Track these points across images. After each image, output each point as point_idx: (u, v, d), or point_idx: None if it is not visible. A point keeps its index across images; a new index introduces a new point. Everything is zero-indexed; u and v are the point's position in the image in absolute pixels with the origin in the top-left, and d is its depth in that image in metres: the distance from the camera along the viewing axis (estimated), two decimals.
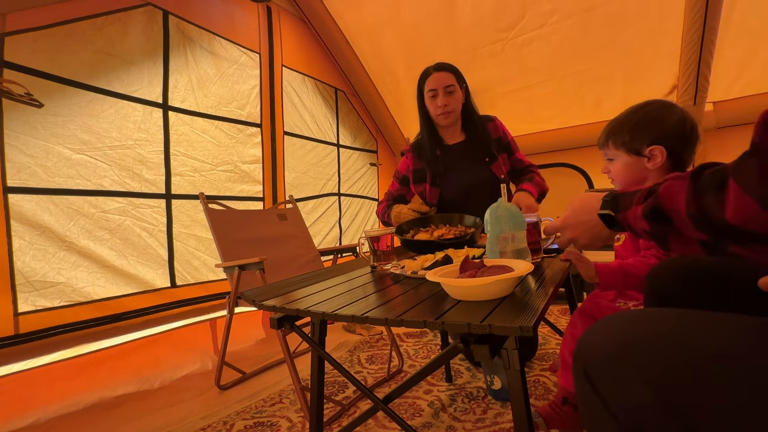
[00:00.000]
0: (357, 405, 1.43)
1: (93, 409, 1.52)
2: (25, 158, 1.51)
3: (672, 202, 0.46)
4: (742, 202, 0.37)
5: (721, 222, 0.40)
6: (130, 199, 1.84)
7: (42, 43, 1.56)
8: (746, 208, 0.37)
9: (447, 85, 1.56)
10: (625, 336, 0.43)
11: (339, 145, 3.21)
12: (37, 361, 1.47)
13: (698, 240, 0.45)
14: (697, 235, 0.44)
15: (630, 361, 0.41)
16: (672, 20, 2.18)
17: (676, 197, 0.45)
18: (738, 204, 0.38)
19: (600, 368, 0.43)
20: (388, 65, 3.15)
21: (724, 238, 0.42)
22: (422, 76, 1.62)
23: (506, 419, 1.25)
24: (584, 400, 0.45)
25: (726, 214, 0.39)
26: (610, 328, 0.45)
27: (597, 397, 0.43)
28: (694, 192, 0.43)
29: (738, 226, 0.38)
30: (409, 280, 0.85)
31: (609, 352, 0.42)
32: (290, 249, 2.07)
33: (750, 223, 0.37)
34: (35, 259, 1.52)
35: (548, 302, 0.60)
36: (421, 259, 0.92)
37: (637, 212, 0.52)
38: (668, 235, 0.49)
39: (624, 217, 0.57)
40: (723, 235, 0.41)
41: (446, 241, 1.08)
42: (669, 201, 0.46)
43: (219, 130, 2.27)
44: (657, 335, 0.42)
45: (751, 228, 0.38)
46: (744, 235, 0.39)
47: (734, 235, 0.40)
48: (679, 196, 0.45)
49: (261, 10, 2.61)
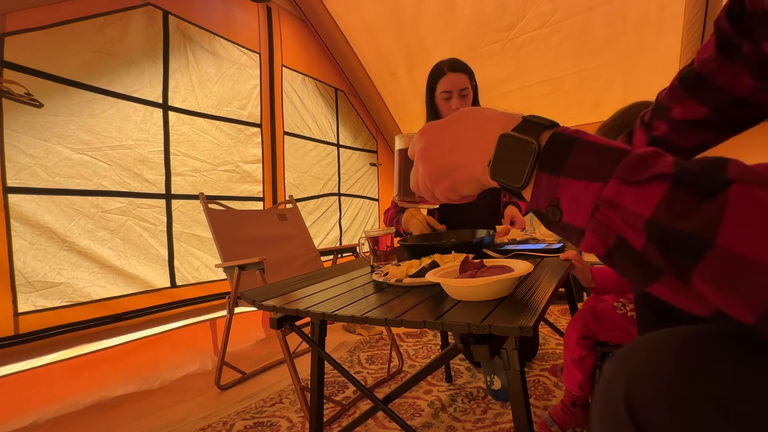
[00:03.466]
0: (357, 405, 1.43)
1: (93, 409, 1.52)
2: (25, 158, 1.51)
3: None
4: None
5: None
6: (131, 199, 1.84)
7: (42, 43, 1.56)
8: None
9: (462, 88, 1.49)
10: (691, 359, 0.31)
11: (339, 145, 3.21)
12: (37, 361, 1.47)
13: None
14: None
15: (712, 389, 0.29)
16: (672, 20, 2.18)
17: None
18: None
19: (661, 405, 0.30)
20: (388, 65, 3.15)
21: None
22: (436, 73, 1.54)
23: (506, 419, 1.25)
24: None
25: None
26: (658, 352, 0.33)
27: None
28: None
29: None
30: (393, 289, 0.77)
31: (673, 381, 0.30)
32: (290, 249, 2.07)
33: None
34: (35, 260, 1.52)
35: (548, 302, 0.60)
36: (406, 266, 0.85)
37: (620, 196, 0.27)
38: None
39: (568, 184, 0.30)
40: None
41: (450, 246, 1.07)
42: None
43: (219, 130, 2.27)
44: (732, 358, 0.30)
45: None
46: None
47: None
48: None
49: (261, 10, 2.61)
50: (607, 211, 0.28)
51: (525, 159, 0.33)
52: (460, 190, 0.41)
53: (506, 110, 0.38)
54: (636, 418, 0.30)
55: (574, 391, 1.03)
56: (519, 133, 0.34)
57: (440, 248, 0.97)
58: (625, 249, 0.28)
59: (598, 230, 0.29)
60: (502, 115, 0.38)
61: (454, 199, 0.43)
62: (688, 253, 0.25)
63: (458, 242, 0.98)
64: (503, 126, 0.36)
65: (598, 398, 0.35)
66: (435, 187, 0.42)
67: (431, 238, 1.30)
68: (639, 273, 0.29)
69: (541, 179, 0.32)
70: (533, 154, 0.33)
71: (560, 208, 0.31)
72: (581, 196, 0.30)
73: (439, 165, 0.41)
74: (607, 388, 0.34)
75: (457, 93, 1.50)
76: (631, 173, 0.27)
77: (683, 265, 0.25)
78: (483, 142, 0.37)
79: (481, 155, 0.37)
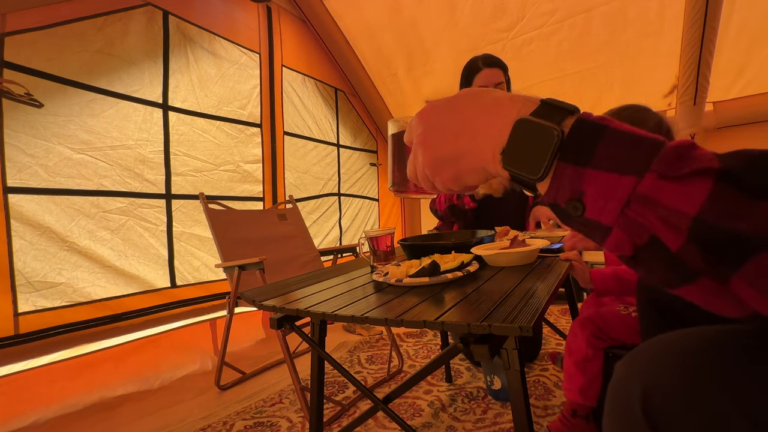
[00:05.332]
0: (357, 405, 1.43)
1: (93, 410, 1.52)
2: (25, 158, 1.51)
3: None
4: None
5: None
6: (132, 199, 1.84)
7: (42, 43, 1.56)
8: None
9: (498, 83, 1.51)
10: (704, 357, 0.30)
11: (339, 145, 3.21)
12: (37, 361, 1.47)
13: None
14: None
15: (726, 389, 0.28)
16: (672, 20, 2.18)
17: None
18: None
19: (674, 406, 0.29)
20: (388, 65, 3.15)
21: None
22: (471, 69, 1.55)
23: (506, 419, 1.25)
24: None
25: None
26: (669, 355, 0.32)
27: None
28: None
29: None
30: (393, 289, 0.78)
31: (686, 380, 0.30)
32: (290, 249, 2.07)
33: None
34: (36, 260, 1.52)
35: (548, 302, 0.60)
36: (406, 266, 0.86)
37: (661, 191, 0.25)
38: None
39: (597, 177, 0.27)
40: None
41: (450, 246, 1.07)
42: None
43: (220, 130, 2.27)
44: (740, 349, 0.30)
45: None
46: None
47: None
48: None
49: (261, 10, 2.61)
50: (641, 208, 0.26)
51: (545, 148, 0.30)
52: (465, 180, 0.37)
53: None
54: (651, 418, 0.29)
55: (575, 398, 1.01)
56: (539, 119, 0.31)
57: (440, 248, 0.97)
58: (657, 249, 0.26)
59: (627, 228, 0.27)
60: (516, 98, 0.34)
61: (456, 189, 0.39)
62: (736, 254, 0.23)
63: (458, 242, 0.98)
64: (519, 110, 0.32)
65: (611, 398, 0.34)
66: (436, 177, 0.38)
67: (431, 238, 1.30)
68: (668, 274, 0.27)
69: (563, 171, 0.29)
70: (555, 142, 0.29)
71: (583, 202, 0.28)
72: (611, 190, 0.27)
73: (441, 152, 0.37)
74: (620, 388, 0.33)
75: (493, 88, 1.52)
76: (671, 167, 0.25)
77: (726, 266, 0.24)
78: (494, 127, 0.33)
79: (491, 142, 0.33)
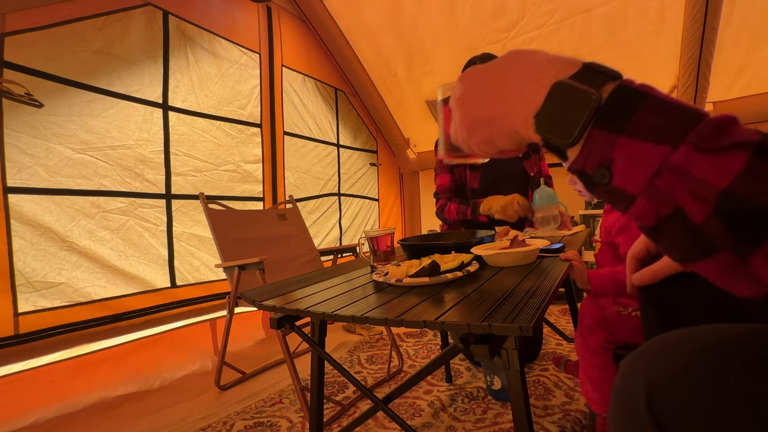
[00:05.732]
0: (357, 405, 1.43)
1: (93, 409, 1.52)
2: (26, 158, 1.51)
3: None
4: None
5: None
6: (132, 199, 1.84)
7: (42, 43, 1.56)
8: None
9: None
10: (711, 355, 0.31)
11: (339, 145, 3.21)
12: (37, 361, 1.47)
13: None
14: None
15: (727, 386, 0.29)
16: (672, 20, 2.18)
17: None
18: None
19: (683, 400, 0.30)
20: (388, 65, 3.15)
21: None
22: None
23: (506, 419, 1.25)
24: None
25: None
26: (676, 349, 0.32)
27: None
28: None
29: None
30: (393, 289, 0.78)
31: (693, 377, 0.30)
32: (290, 249, 2.07)
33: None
34: (36, 260, 1.52)
35: (548, 302, 0.60)
36: (406, 266, 0.86)
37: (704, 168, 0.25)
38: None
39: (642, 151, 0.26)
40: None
41: (450, 245, 1.07)
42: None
43: (220, 130, 2.27)
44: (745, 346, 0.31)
45: None
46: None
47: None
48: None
49: (261, 10, 2.61)
50: (670, 178, 0.26)
51: (581, 112, 0.29)
52: (498, 144, 0.37)
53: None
54: (656, 414, 0.30)
55: (600, 410, 0.99)
56: (578, 82, 0.30)
57: (440, 248, 0.97)
58: (680, 221, 0.26)
59: (653, 198, 0.27)
60: (556, 60, 0.33)
61: (492, 152, 0.39)
62: (761, 230, 0.23)
63: (458, 242, 0.98)
64: (557, 72, 0.32)
65: (616, 395, 0.34)
66: (471, 139, 0.39)
67: (431, 238, 1.31)
68: (687, 248, 0.27)
69: (596, 137, 0.29)
70: (592, 107, 0.28)
71: (611, 170, 0.28)
72: (643, 159, 0.26)
73: (476, 115, 0.37)
74: (624, 385, 0.33)
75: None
76: (708, 139, 0.25)
77: (748, 242, 0.24)
78: (529, 90, 0.33)
79: (525, 106, 0.33)
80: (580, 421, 1.21)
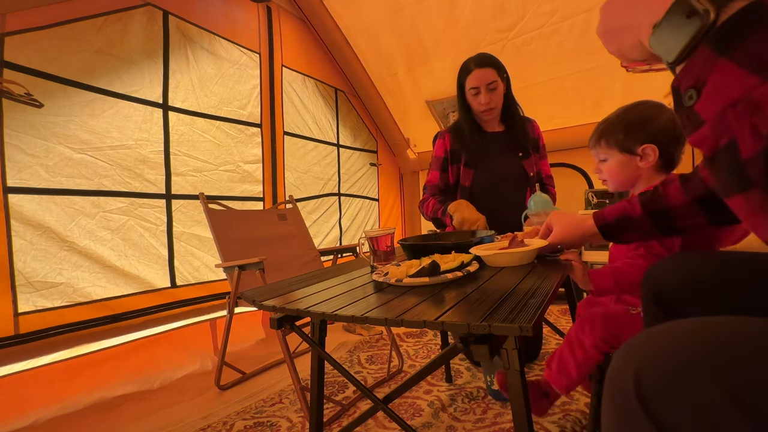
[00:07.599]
0: (357, 405, 1.43)
1: (93, 409, 1.52)
2: (26, 158, 1.51)
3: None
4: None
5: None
6: (132, 199, 1.84)
7: (42, 43, 1.56)
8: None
9: (489, 82, 1.53)
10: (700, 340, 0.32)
11: (339, 145, 3.21)
12: (37, 361, 1.47)
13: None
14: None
15: (708, 364, 0.30)
16: None
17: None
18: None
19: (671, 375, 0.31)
20: (388, 65, 3.15)
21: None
22: (463, 71, 1.59)
23: (506, 419, 1.25)
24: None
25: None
26: (667, 338, 0.34)
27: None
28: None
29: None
30: (393, 289, 0.78)
31: (684, 360, 0.31)
32: (290, 249, 2.07)
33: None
34: (36, 260, 1.52)
35: (548, 302, 0.60)
36: (406, 266, 0.86)
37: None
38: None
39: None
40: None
41: (450, 245, 1.07)
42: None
43: (220, 130, 2.27)
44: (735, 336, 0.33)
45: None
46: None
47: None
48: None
49: (261, 10, 2.61)
50: (743, 112, 0.26)
51: (694, 29, 0.29)
52: (628, 55, 0.40)
53: None
54: (644, 401, 0.31)
55: (560, 390, 1.03)
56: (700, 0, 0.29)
57: (440, 248, 0.97)
58: (729, 154, 0.27)
59: (717, 127, 0.27)
60: None
61: (635, 56, 0.40)
62: None
63: (457, 242, 0.98)
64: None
65: (607, 386, 0.35)
66: (607, 47, 0.42)
67: (431, 238, 1.31)
68: (728, 181, 0.28)
69: (701, 55, 0.29)
70: (703, 25, 0.28)
71: (700, 92, 0.29)
72: (730, 85, 0.27)
73: (610, 24, 0.40)
74: (615, 376, 0.34)
75: (485, 88, 1.54)
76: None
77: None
78: (658, 3, 0.33)
79: (649, 17, 0.33)
80: (580, 421, 1.21)
